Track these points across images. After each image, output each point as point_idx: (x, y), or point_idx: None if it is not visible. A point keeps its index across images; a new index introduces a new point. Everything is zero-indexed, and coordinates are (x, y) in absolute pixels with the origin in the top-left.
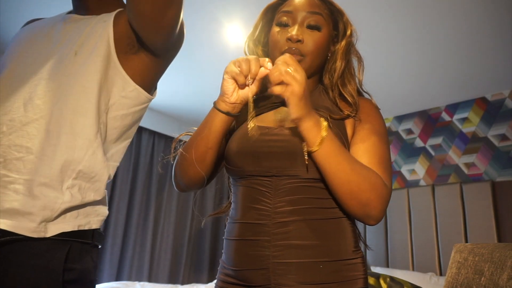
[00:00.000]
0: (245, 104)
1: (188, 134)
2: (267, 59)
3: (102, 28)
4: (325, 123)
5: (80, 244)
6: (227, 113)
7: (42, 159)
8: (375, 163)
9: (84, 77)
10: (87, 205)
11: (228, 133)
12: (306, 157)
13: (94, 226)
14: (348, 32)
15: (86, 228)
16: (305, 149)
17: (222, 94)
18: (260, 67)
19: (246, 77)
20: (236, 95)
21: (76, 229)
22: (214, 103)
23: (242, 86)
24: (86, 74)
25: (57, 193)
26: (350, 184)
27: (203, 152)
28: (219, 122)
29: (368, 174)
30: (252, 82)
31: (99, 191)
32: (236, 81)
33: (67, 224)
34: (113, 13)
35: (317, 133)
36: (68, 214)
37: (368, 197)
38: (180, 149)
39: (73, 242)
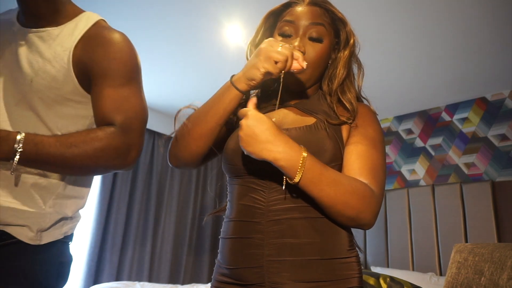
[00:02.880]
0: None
1: (191, 107)
2: (300, 56)
3: (61, 60)
4: (304, 154)
5: (65, 244)
6: (245, 92)
7: (18, 184)
8: (366, 169)
9: (43, 112)
10: (73, 216)
11: (228, 131)
12: (284, 185)
13: (73, 231)
14: (351, 42)
15: (69, 233)
16: (284, 179)
17: (250, 79)
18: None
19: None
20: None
21: (62, 237)
22: (232, 82)
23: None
24: (46, 107)
25: (44, 212)
26: (337, 205)
27: (213, 128)
28: (234, 99)
29: (355, 189)
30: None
31: (80, 204)
32: (270, 73)
33: (57, 232)
34: (73, 44)
35: (292, 168)
36: (57, 224)
37: (356, 211)
38: (185, 121)
39: (61, 242)
